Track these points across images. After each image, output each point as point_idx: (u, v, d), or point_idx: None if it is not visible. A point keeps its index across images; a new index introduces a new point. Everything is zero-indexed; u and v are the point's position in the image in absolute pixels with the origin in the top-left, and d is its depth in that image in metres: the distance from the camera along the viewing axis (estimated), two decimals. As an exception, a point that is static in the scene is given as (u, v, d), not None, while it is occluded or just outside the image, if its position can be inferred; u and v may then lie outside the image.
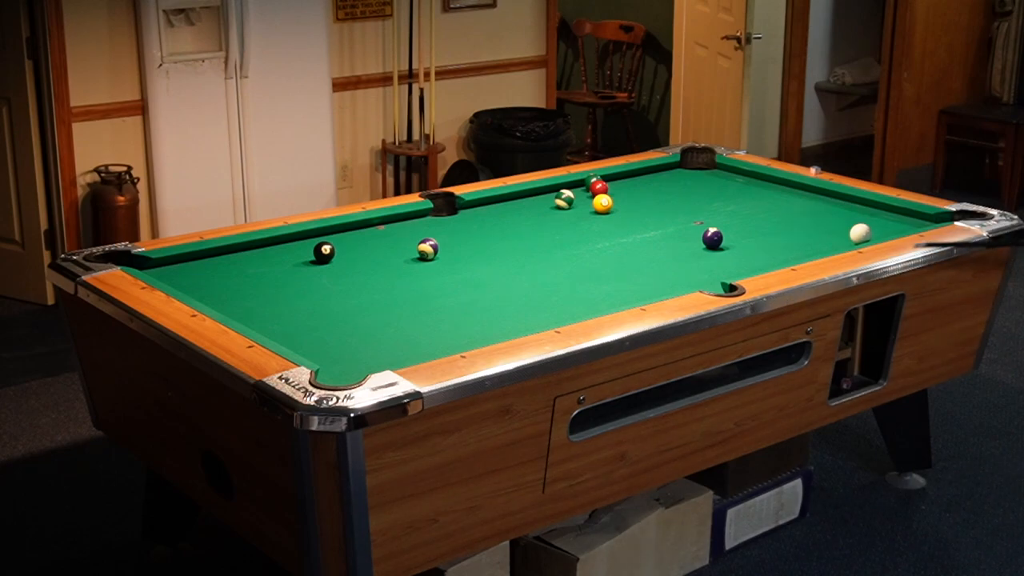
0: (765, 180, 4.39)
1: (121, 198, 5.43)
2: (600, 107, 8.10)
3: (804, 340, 3.33)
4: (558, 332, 2.87)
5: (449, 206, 4.04)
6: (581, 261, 3.58)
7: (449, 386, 2.61)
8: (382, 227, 3.89)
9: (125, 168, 5.50)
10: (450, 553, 2.83)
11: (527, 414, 2.78)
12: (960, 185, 7.69)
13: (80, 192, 5.53)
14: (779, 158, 8.01)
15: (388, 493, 2.60)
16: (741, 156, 4.62)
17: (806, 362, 3.36)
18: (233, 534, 3.55)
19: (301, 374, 2.60)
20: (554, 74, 7.09)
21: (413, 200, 4.03)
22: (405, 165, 6.42)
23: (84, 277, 3.23)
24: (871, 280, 3.40)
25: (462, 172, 6.41)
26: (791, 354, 3.35)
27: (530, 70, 6.93)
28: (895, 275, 3.46)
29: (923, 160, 7.80)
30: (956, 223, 3.75)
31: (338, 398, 2.50)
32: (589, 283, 3.39)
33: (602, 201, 4.02)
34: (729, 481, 3.63)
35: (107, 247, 3.49)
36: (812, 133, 8.60)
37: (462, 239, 3.76)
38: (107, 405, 3.44)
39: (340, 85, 6.15)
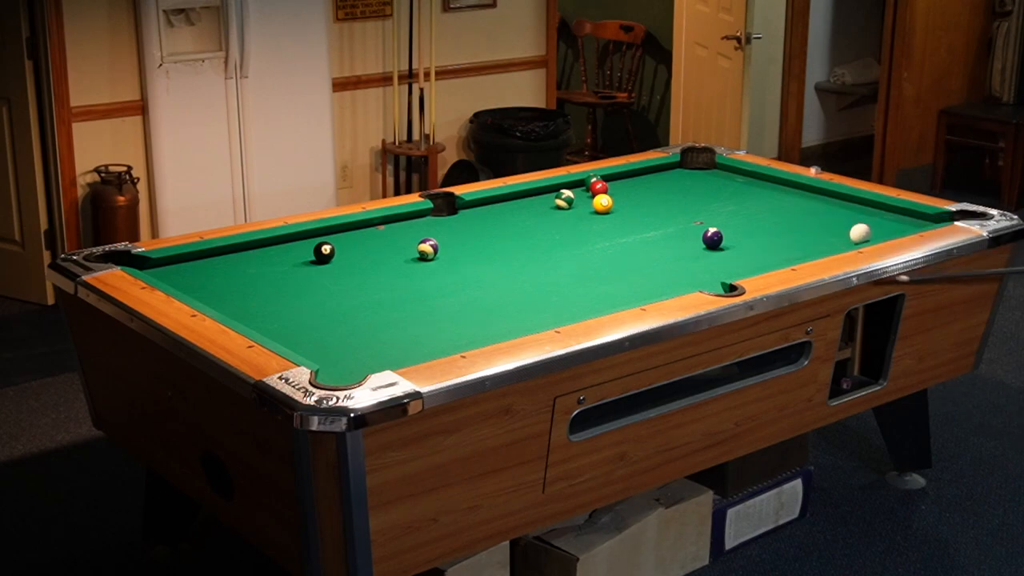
0: (765, 180, 4.39)
1: (121, 198, 5.43)
2: (600, 107, 8.10)
3: (804, 340, 3.33)
4: (558, 332, 2.87)
5: (449, 206, 4.04)
6: (581, 261, 3.58)
7: (449, 386, 2.60)
8: (382, 227, 3.88)
9: (125, 168, 5.50)
10: (450, 553, 2.83)
11: (527, 414, 2.78)
12: (960, 185, 7.69)
13: (80, 192, 5.53)
14: (779, 158, 8.00)
15: (388, 493, 2.60)
16: (741, 156, 4.62)
17: (806, 362, 3.36)
18: (233, 534, 3.55)
19: (301, 374, 2.60)
20: (554, 74, 7.09)
21: (413, 200, 4.03)
22: (405, 165, 6.42)
23: (84, 277, 3.23)
24: (871, 280, 3.40)
25: (462, 172, 6.41)
26: (791, 354, 3.35)
27: (530, 70, 6.93)
28: (895, 275, 3.46)
29: (923, 160, 7.80)
30: (956, 223, 3.75)
31: (338, 398, 2.50)
32: (589, 283, 3.38)
33: (602, 201, 4.02)
34: (729, 481, 3.63)
35: (107, 247, 3.49)
36: (812, 133, 8.60)
37: (462, 239, 3.76)
38: (107, 405, 3.44)
39: (340, 85, 6.15)
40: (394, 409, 2.52)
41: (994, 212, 3.83)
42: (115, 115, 5.56)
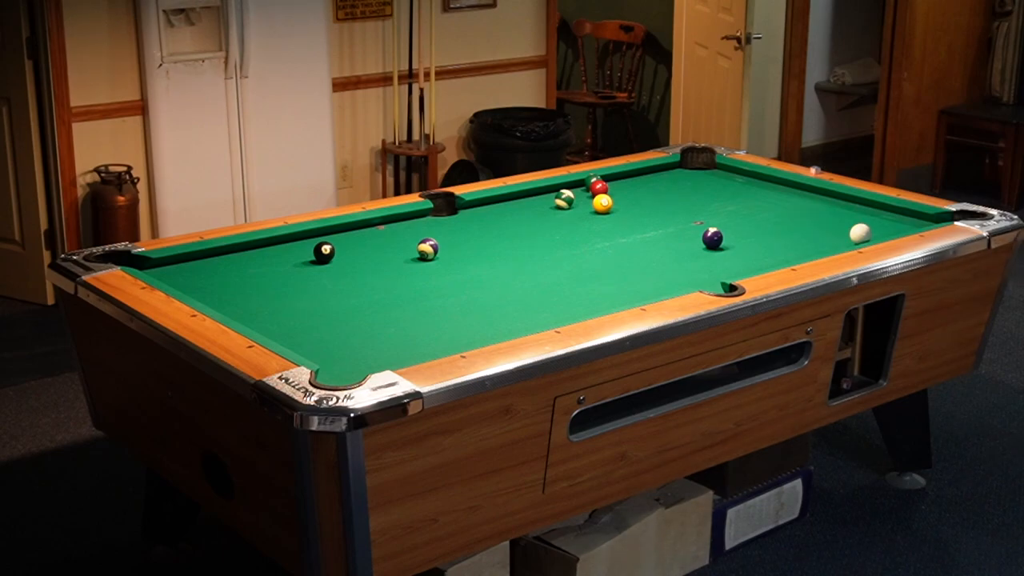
0: (765, 180, 4.39)
1: (121, 198, 5.43)
2: (600, 107, 8.10)
3: (804, 340, 3.33)
4: (558, 332, 2.87)
5: (449, 206, 4.04)
6: (581, 261, 3.58)
7: (449, 386, 2.61)
8: (382, 227, 3.89)
9: (125, 168, 5.50)
10: (450, 553, 2.83)
11: (527, 414, 2.78)
12: (960, 185, 7.69)
13: (80, 192, 5.53)
14: (779, 158, 8.00)
15: (388, 493, 2.60)
16: (741, 156, 4.62)
17: (806, 362, 3.36)
18: (233, 534, 3.55)
19: (301, 374, 2.60)
20: (554, 74, 7.09)
21: (413, 200, 4.03)
22: (405, 165, 6.42)
23: (84, 277, 3.23)
24: (871, 280, 3.40)
25: (462, 172, 6.41)
26: (791, 354, 3.35)
27: (530, 70, 6.93)
28: (895, 275, 3.46)
29: (923, 160, 7.80)
30: (956, 223, 3.75)
31: (338, 398, 2.50)
32: (589, 283, 3.38)
33: (602, 201, 4.02)
34: (729, 481, 3.63)
35: (107, 247, 3.49)
36: (812, 133, 8.60)
37: (462, 239, 3.76)
38: (107, 405, 3.44)
39: (340, 85, 6.15)
40: (394, 409, 2.52)
41: (994, 212, 3.83)
42: (115, 115, 5.56)
